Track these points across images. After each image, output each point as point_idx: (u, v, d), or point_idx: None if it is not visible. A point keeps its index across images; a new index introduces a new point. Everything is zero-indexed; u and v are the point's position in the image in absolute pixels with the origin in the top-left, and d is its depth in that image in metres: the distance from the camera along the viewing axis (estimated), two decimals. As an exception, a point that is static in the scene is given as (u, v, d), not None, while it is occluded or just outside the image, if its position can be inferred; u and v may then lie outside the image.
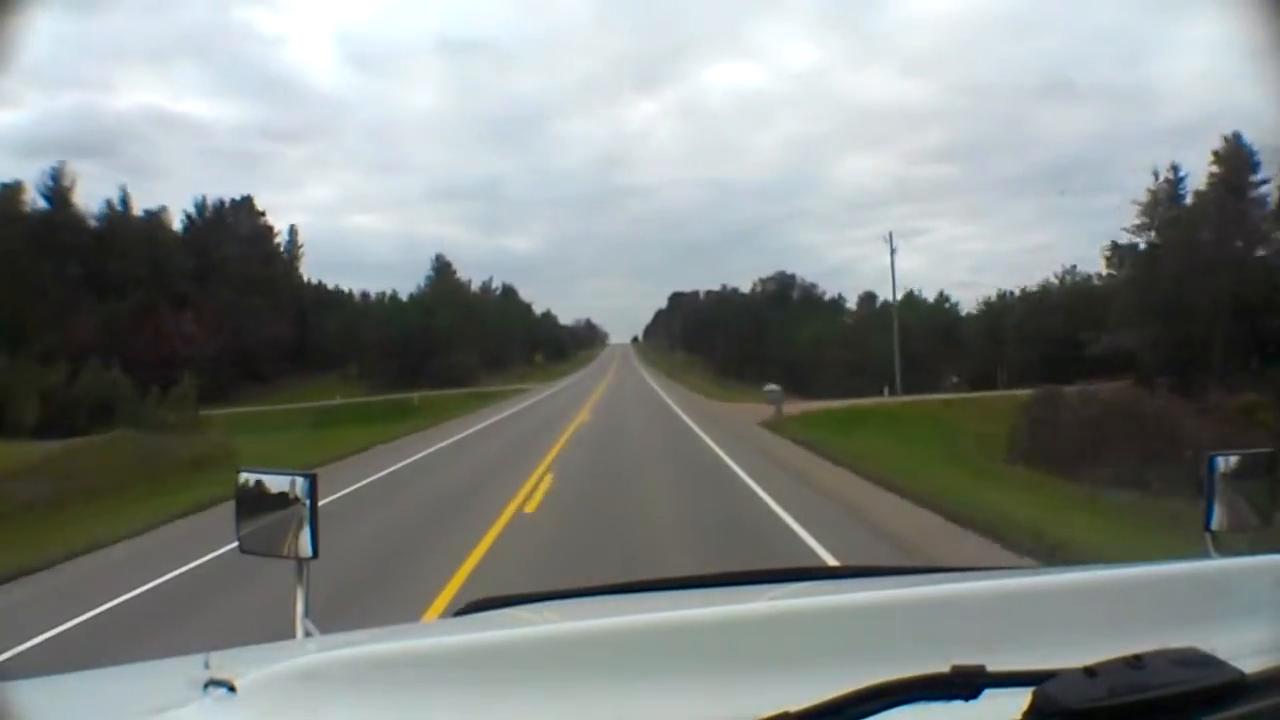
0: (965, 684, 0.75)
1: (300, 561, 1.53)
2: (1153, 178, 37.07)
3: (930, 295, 66.17)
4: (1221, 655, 0.77)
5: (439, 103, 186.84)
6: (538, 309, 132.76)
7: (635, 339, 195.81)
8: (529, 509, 11.35)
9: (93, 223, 42.42)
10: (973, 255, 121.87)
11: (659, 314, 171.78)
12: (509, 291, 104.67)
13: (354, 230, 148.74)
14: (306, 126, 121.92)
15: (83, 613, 7.28)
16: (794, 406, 27.92)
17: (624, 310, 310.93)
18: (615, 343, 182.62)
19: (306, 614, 1.47)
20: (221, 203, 59.26)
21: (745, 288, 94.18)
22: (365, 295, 74.30)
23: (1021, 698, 0.74)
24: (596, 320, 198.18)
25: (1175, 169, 37.21)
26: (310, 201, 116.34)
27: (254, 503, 1.58)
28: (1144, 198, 37.11)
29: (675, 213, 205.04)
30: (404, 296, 72.59)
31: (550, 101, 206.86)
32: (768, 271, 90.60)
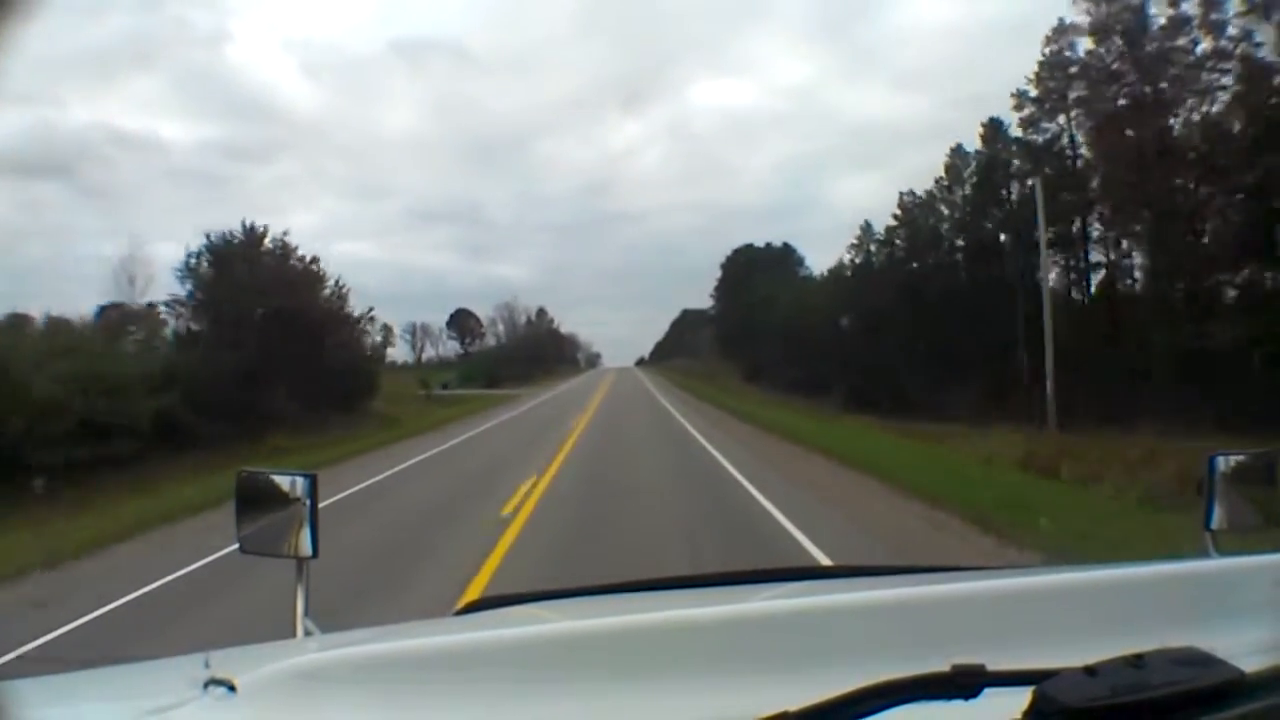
0: (965, 683, 0.75)
1: (300, 561, 1.52)
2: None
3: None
4: (1221, 655, 0.77)
5: (417, 123, 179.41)
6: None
7: (641, 360, 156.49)
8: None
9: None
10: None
11: (681, 316, 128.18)
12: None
13: (341, 256, 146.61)
14: (272, 145, 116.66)
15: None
16: None
17: (621, 338, 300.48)
18: (609, 365, 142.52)
19: (307, 613, 1.46)
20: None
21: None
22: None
23: (1022, 697, 0.74)
24: (582, 333, 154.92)
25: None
26: (294, 226, 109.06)
27: (254, 502, 1.57)
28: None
29: (668, 238, 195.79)
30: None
31: (533, 122, 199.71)
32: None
